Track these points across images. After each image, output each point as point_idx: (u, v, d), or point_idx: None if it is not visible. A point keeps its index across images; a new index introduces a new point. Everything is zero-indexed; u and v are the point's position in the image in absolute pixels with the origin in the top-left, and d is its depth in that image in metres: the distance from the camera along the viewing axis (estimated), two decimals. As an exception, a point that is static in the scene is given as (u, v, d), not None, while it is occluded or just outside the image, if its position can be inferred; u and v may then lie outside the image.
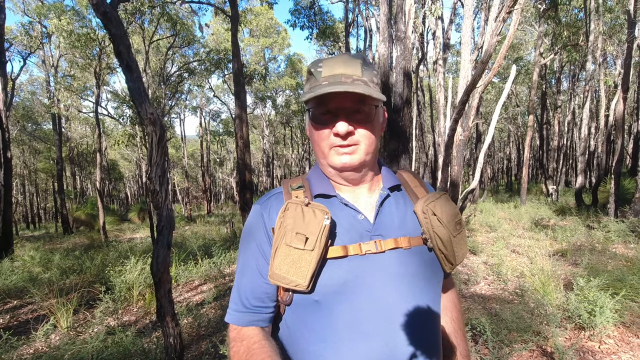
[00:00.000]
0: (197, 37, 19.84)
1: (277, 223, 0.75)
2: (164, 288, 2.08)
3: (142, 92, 2.16)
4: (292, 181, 0.87)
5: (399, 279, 0.75)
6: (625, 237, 5.83)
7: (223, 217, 18.12)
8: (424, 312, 0.75)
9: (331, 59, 0.77)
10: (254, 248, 0.80)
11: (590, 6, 11.07)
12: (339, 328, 0.72)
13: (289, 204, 0.76)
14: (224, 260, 6.21)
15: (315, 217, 0.73)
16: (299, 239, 0.72)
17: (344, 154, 0.76)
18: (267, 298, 0.79)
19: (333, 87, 0.71)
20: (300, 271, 0.71)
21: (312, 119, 0.78)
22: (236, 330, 0.78)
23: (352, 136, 0.75)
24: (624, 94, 7.49)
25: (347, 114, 0.74)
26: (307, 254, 0.71)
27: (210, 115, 31.01)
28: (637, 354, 2.68)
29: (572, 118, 18.75)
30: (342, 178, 0.82)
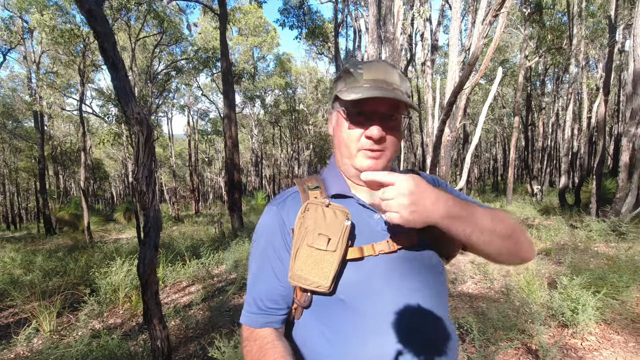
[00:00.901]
0: (184, 35, 19.57)
1: (297, 223, 0.76)
2: (151, 290, 2.05)
3: (128, 91, 2.12)
4: (306, 181, 0.88)
5: (413, 274, 0.78)
6: (607, 237, 5.99)
7: (211, 217, 17.94)
8: (438, 302, 0.79)
9: (371, 63, 0.80)
10: (269, 250, 0.80)
11: (574, 11, 11.34)
12: (364, 326, 0.73)
13: (309, 204, 0.77)
14: (212, 260, 6.15)
15: (337, 218, 0.75)
16: (322, 239, 0.73)
17: (370, 158, 0.78)
18: (281, 300, 0.79)
19: (379, 92, 0.73)
20: (322, 272, 0.72)
21: (348, 119, 0.79)
22: (249, 331, 0.79)
23: (382, 141, 0.77)
24: (605, 96, 7.70)
25: (381, 118, 0.76)
26: (329, 254, 0.72)
27: (198, 114, 30.68)
28: (618, 350, 2.76)
29: (556, 119, 19.20)
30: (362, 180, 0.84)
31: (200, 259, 6.09)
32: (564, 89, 17.40)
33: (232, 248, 6.89)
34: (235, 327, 3.56)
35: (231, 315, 4.01)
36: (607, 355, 2.70)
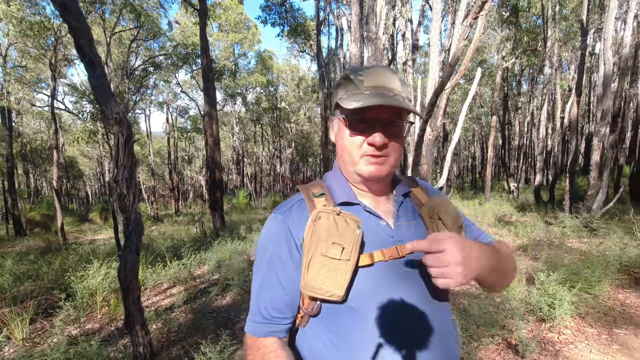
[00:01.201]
0: (163, 30, 19.08)
1: (308, 232, 0.75)
2: (133, 295, 1.98)
3: (106, 90, 2.04)
4: (311, 187, 0.87)
5: (420, 280, 0.79)
6: (579, 232, 6.24)
7: (192, 217, 17.62)
8: (443, 308, 0.81)
9: (371, 69, 0.79)
10: (275, 259, 0.79)
11: (548, 14, 11.72)
12: (375, 332, 0.73)
13: (321, 213, 0.76)
14: (194, 261, 6.04)
15: (349, 227, 0.75)
16: (336, 248, 0.72)
17: (374, 164, 0.78)
18: (286, 309, 0.79)
19: (383, 99, 0.73)
20: (336, 281, 0.72)
21: (350, 126, 0.79)
22: (252, 339, 0.79)
23: (385, 148, 0.77)
24: (577, 97, 8.00)
25: (383, 125, 0.77)
26: (343, 263, 0.72)
27: (177, 111, 30.02)
28: (592, 343, 2.87)
29: (531, 119, 19.85)
30: (366, 186, 0.84)
31: (182, 259, 5.96)
32: (538, 89, 18.00)
33: (214, 248, 6.79)
34: (220, 330, 3.51)
35: (214, 317, 3.95)
36: (582, 347, 2.81)
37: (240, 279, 4.88)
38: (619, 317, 3.28)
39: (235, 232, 9.00)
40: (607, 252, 4.58)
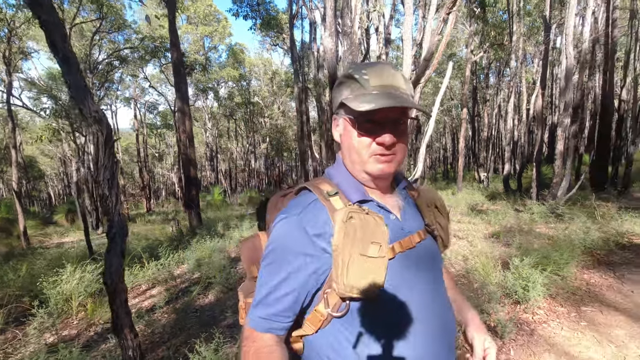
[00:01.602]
0: (127, 22, 18.28)
1: (339, 233, 0.74)
2: (120, 298, 1.93)
3: (83, 87, 1.95)
4: (319, 185, 0.85)
5: (431, 266, 0.86)
6: (547, 218, 6.60)
7: (165, 215, 17.15)
8: (445, 290, 0.89)
9: (375, 67, 0.80)
10: (290, 262, 0.77)
11: (513, 9, 12.17)
12: (404, 323, 0.77)
13: (353, 212, 0.76)
14: (172, 261, 5.91)
15: (378, 224, 0.76)
16: (374, 247, 0.74)
17: (383, 162, 0.79)
18: (292, 309, 0.79)
19: (394, 101, 0.74)
20: (377, 279, 0.73)
21: (358, 127, 0.79)
22: (250, 331, 0.79)
23: (393, 147, 0.79)
24: (542, 90, 8.40)
25: (390, 124, 0.78)
26: (380, 261, 0.74)
27: (146, 107, 28.96)
28: (563, 321, 3.07)
29: (499, 111, 20.63)
30: (374, 183, 0.85)
31: (159, 260, 5.82)
32: (505, 82, 18.72)
33: (192, 247, 6.67)
34: (206, 330, 3.47)
35: (199, 316, 3.90)
36: (554, 326, 3.00)
37: (222, 277, 4.83)
38: (585, 295, 3.52)
39: (213, 230, 8.85)
40: (573, 235, 4.88)
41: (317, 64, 13.53)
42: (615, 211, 6.31)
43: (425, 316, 0.79)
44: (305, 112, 14.75)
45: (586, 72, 10.29)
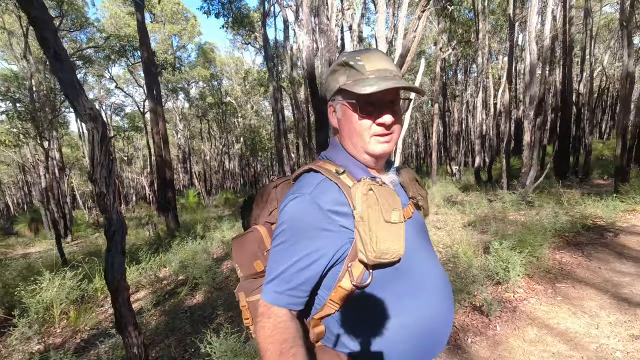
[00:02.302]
0: (90, 20, 17.51)
1: (362, 205, 0.78)
2: (122, 297, 1.91)
3: (76, 84, 1.92)
4: (325, 166, 0.88)
5: (423, 235, 0.96)
6: (518, 206, 6.97)
7: (139, 220, 16.60)
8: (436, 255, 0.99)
9: (368, 54, 0.85)
10: (307, 238, 0.79)
11: (478, 8, 12.69)
12: (418, 286, 0.85)
13: (372, 185, 0.81)
14: (154, 264, 5.78)
15: (393, 193, 0.84)
16: (395, 214, 0.81)
17: (384, 143, 0.86)
18: (309, 285, 0.81)
19: (393, 82, 0.79)
20: (400, 242, 0.80)
21: (359, 110, 0.83)
22: (266, 307, 0.80)
23: (391, 126, 0.85)
24: (509, 84, 8.85)
25: (387, 106, 0.84)
26: (401, 226, 0.81)
27: (112, 109, 27.83)
28: (540, 297, 3.30)
29: (467, 106, 21.43)
30: (375, 163, 0.91)
31: (141, 264, 5.68)
32: (472, 78, 19.47)
33: (173, 249, 6.54)
34: (198, 327, 3.45)
35: (189, 316, 3.86)
36: (534, 302, 3.22)
37: (209, 277, 4.79)
38: (558, 273, 3.78)
39: (192, 232, 8.70)
40: (544, 220, 5.20)
41: (291, 62, 13.53)
42: (579, 197, 6.76)
43: (433, 275, 0.89)
44: (281, 110, 14.71)
45: (547, 67, 10.90)
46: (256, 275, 0.99)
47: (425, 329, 0.83)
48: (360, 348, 0.82)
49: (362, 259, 0.78)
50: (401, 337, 0.81)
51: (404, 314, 0.82)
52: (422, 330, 0.83)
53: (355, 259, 0.79)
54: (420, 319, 0.83)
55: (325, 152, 0.95)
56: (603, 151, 15.59)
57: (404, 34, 8.24)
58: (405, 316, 0.82)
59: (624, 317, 2.81)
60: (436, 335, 0.86)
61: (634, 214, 5.78)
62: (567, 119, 10.79)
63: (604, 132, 24.41)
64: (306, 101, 15.92)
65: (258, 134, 26.19)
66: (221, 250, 6.74)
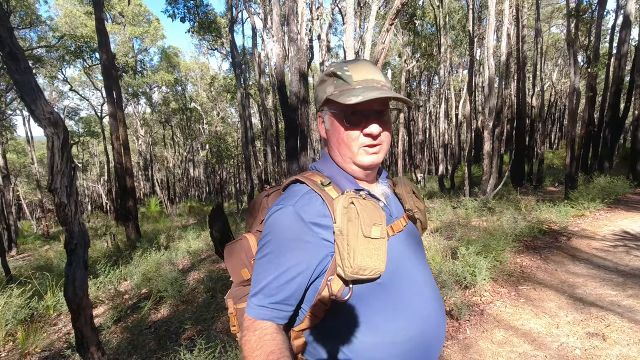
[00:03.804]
0: (42, 18, 16.50)
1: (342, 218, 0.77)
2: (85, 315, 1.76)
3: (34, 87, 1.77)
4: (311, 177, 0.87)
5: (415, 249, 0.91)
6: (480, 212, 7.29)
7: (94, 231, 15.61)
8: (429, 269, 0.94)
9: (356, 64, 0.84)
10: (290, 250, 0.77)
11: (440, 23, 13.31)
12: (403, 303, 0.81)
13: (352, 198, 0.79)
14: (113, 277, 5.44)
15: (376, 208, 0.81)
16: (376, 229, 0.78)
17: (372, 154, 0.84)
18: (294, 299, 0.79)
19: (379, 92, 0.78)
20: (379, 259, 0.77)
21: (345, 121, 0.83)
22: (251, 321, 0.78)
23: (379, 137, 0.83)
24: (470, 96, 9.31)
25: (375, 116, 0.82)
26: (381, 242, 0.78)
27: (65, 112, 26.19)
28: (505, 299, 3.45)
29: (430, 116, 22.30)
30: (363, 174, 0.89)
31: (98, 277, 5.32)
32: (435, 89, 20.31)
33: (134, 261, 6.21)
34: (164, 343, 3.27)
35: (154, 332, 3.65)
36: (499, 304, 3.35)
37: (174, 290, 4.58)
38: (520, 277, 3.98)
39: (155, 242, 8.31)
40: (505, 225, 5.47)
41: (259, 69, 13.44)
42: (534, 203, 7.19)
43: (424, 290, 0.85)
44: (249, 117, 14.54)
45: (503, 81, 11.63)
46: (244, 283, 0.98)
47: (413, 344, 0.80)
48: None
49: (340, 274, 0.77)
50: (385, 353, 0.78)
51: (387, 329, 0.79)
52: (409, 346, 0.80)
53: (335, 273, 0.78)
54: (406, 335, 0.80)
55: (315, 163, 0.95)
56: (553, 160, 16.77)
57: (371, 45, 8.45)
58: (389, 332, 0.79)
59: (580, 315, 3.00)
60: (426, 349, 0.83)
61: (583, 219, 6.23)
62: (522, 129, 11.51)
63: (553, 143, 26.28)
64: (274, 108, 15.86)
65: (224, 141, 25.68)
66: (187, 261, 6.48)
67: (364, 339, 0.78)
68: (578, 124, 12.56)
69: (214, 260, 6.22)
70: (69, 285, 1.71)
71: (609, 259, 4.26)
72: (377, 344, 0.78)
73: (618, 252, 4.43)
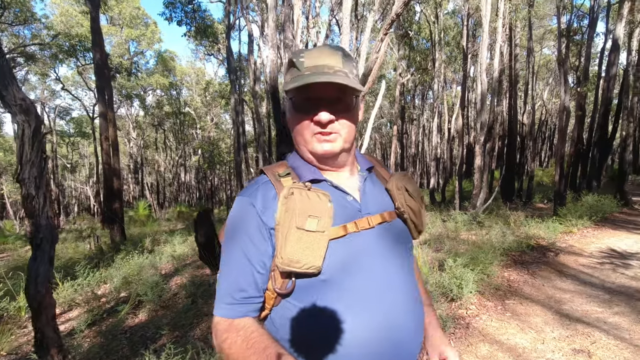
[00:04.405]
0: (37, 16, 16.39)
1: (281, 208, 0.75)
2: (47, 314, 1.65)
3: (6, 72, 1.69)
4: (275, 168, 0.86)
5: (390, 249, 0.83)
6: (469, 226, 7.28)
7: (79, 233, 15.25)
8: (409, 274, 0.86)
9: (312, 50, 0.80)
10: (243, 238, 0.77)
11: (435, 39, 13.53)
12: (349, 303, 0.74)
13: (294, 188, 0.77)
14: (92, 280, 5.26)
15: (321, 200, 0.77)
16: (311, 221, 0.73)
17: (325, 141, 0.79)
18: (255, 287, 0.76)
19: (316, 77, 0.74)
20: (314, 253, 0.72)
21: (295, 108, 0.80)
22: (227, 322, 0.75)
23: (332, 125, 0.78)
24: (462, 111, 9.40)
25: (328, 103, 0.77)
26: (319, 235, 0.73)
27: (56, 112, 25.88)
28: (492, 313, 3.39)
29: (423, 130, 22.51)
30: (325, 164, 0.84)
31: (77, 279, 5.14)
32: (429, 103, 20.56)
33: (116, 264, 6.03)
34: (138, 349, 3.14)
35: (128, 337, 3.51)
36: (485, 318, 3.29)
37: (155, 294, 4.44)
38: (507, 291, 3.93)
39: (140, 246, 8.11)
40: (493, 239, 5.45)
41: (254, 76, 13.45)
42: (523, 218, 7.21)
43: (388, 294, 0.77)
44: (242, 124, 14.49)
45: (496, 98, 11.79)
46: None
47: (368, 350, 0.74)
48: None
49: (276, 265, 0.74)
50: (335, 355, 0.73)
51: (336, 330, 0.73)
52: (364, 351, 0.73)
53: None
54: (360, 340, 0.73)
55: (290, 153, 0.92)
56: (543, 178, 16.98)
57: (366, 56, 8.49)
58: (338, 334, 0.73)
59: (566, 332, 2.95)
60: (390, 352, 0.76)
61: (571, 235, 6.25)
62: (513, 146, 11.63)
63: (543, 161, 26.66)
64: (268, 115, 15.85)
65: (217, 147, 25.55)
66: (171, 266, 6.32)
67: (310, 337, 0.75)
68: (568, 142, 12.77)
69: (198, 265, 6.08)
70: (31, 282, 1.61)
71: (596, 275, 4.25)
72: (324, 345, 0.73)
73: (605, 269, 4.42)
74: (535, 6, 11.94)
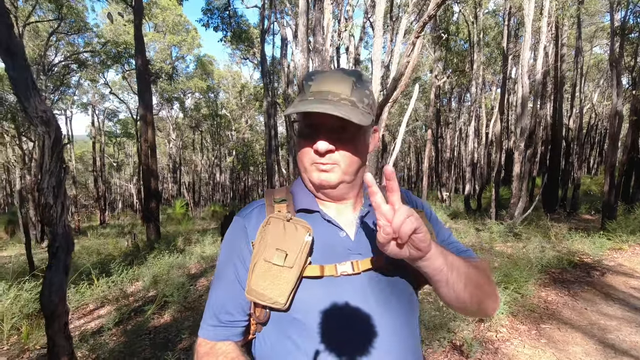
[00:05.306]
0: (89, 25, 17.56)
1: (258, 237, 0.74)
2: (59, 322, 1.70)
3: (29, 84, 1.76)
4: (275, 193, 0.85)
5: (374, 299, 0.72)
6: (505, 237, 6.87)
7: (121, 228, 16.14)
8: (401, 327, 0.74)
9: (323, 74, 0.75)
10: (234, 259, 0.77)
11: (474, 40, 12.98)
12: (319, 347, 0.69)
13: (271, 218, 0.75)
14: (125, 277, 5.49)
15: (297, 233, 0.72)
16: (279, 255, 0.70)
17: (322, 172, 0.74)
18: (242, 310, 0.76)
19: (314, 106, 0.69)
20: (278, 288, 0.69)
21: (299, 133, 0.77)
22: (209, 345, 0.75)
23: (331, 155, 0.73)
24: (500, 115, 8.93)
25: (330, 131, 0.72)
26: (286, 270, 0.70)
27: (105, 114, 27.58)
28: (524, 338, 3.13)
29: (460, 134, 21.70)
30: (324, 194, 0.79)
31: (111, 276, 5.39)
32: (466, 106, 19.79)
33: (149, 262, 6.27)
34: (159, 352, 3.20)
35: (152, 338, 3.60)
36: (517, 344, 3.04)
37: (180, 295, 4.54)
38: (543, 313, 3.63)
39: (172, 245, 8.41)
40: (530, 254, 5.08)
41: (287, 79, 13.59)
42: (566, 231, 6.69)
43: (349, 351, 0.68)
44: (274, 126, 14.69)
45: (539, 101, 11.10)
46: None
47: None
48: None
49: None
50: None
51: None
52: None
53: None
54: None
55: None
56: (591, 186, 15.75)
57: (399, 59, 8.31)
58: None
59: (610, 365, 2.66)
60: None
61: (620, 253, 5.70)
62: (557, 152, 10.88)
63: (592, 168, 24.80)
64: (299, 119, 15.96)
65: (251, 149, 26.13)
66: (199, 266, 6.47)
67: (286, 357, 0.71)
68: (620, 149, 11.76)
69: (225, 267, 6.17)
70: (45, 290, 1.66)
71: (649, 301, 3.82)
72: None
73: (659, 294, 3.97)
74: (585, 2, 11.12)
